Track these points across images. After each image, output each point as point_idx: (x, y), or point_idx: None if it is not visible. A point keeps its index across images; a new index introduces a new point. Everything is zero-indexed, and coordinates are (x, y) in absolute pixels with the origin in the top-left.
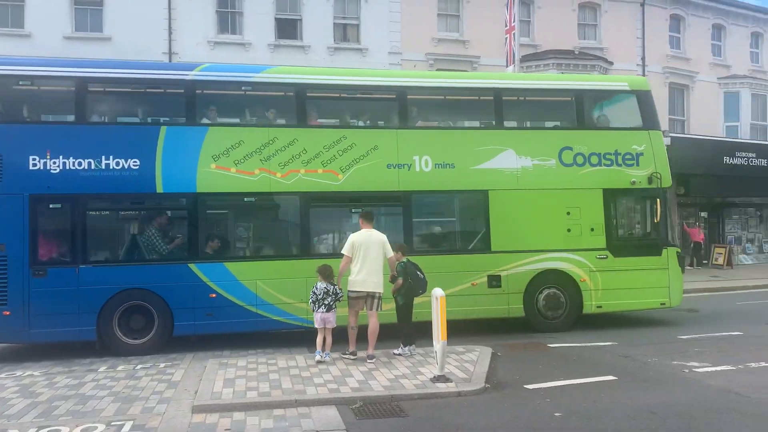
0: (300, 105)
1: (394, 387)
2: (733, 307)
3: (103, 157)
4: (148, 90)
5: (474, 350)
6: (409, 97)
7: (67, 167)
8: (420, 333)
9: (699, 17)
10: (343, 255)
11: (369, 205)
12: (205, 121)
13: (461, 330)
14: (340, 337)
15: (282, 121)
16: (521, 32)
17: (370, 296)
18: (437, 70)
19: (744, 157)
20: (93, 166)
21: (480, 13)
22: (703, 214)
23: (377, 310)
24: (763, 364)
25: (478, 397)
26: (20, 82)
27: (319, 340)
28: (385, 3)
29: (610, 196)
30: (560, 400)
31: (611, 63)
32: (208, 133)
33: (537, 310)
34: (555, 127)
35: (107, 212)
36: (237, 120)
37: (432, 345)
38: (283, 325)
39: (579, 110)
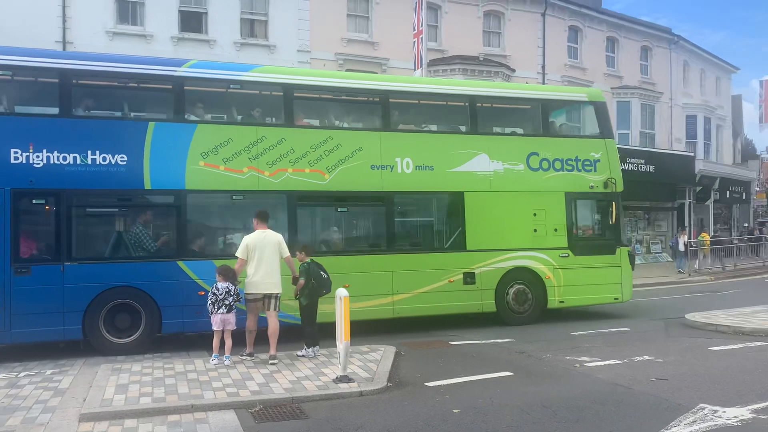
0: (288, 105)
1: (295, 389)
2: (622, 305)
3: (89, 152)
4: (135, 85)
5: (378, 349)
6: (391, 100)
7: (51, 162)
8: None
9: (595, 29)
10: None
11: (354, 205)
12: (193, 118)
13: (367, 330)
14: (239, 338)
15: (270, 120)
16: (429, 37)
17: (267, 297)
18: (346, 70)
19: (634, 163)
20: (78, 161)
21: (389, 15)
22: None
23: (276, 310)
24: (646, 357)
25: (379, 396)
26: (0, 72)
27: (215, 342)
28: (294, 0)
29: (571, 199)
30: (459, 397)
31: (514, 70)
32: (196, 130)
33: (507, 305)
34: (523, 134)
35: (93, 208)
36: (225, 118)
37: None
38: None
39: (544, 118)
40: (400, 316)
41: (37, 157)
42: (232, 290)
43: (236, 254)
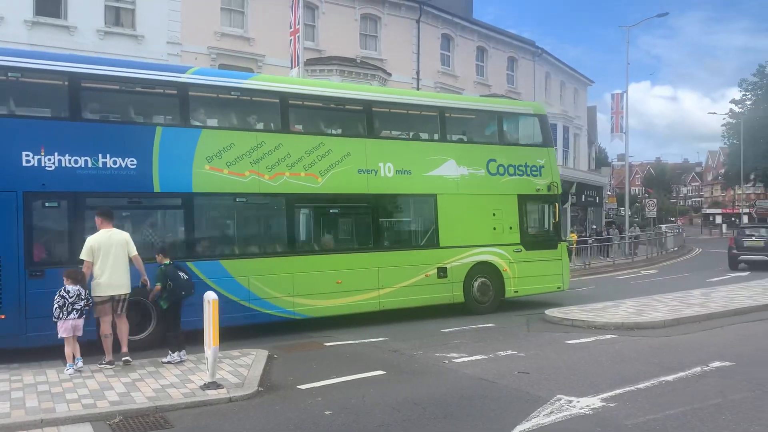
0: (284, 112)
1: (159, 397)
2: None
3: (100, 155)
4: (142, 89)
5: (250, 354)
6: (374, 109)
7: (63, 165)
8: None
9: (466, 39)
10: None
11: (344, 207)
12: (197, 123)
13: (239, 334)
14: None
15: (269, 126)
16: (306, 36)
17: (115, 300)
18: (220, 65)
19: None
20: (90, 164)
21: (265, 11)
22: None
23: (124, 312)
24: (509, 352)
25: (250, 402)
26: (9, 74)
27: (68, 351)
28: None
29: (522, 200)
30: (331, 398)
31: (390, 74)
32: (201, 135)
33: (472, 296)
34: (483, 142)
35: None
36: (228, 123)
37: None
38: (272, 317)
39: (500, 128)
40: (384, 308)
41: (49, 160)
42: (83, 294)
43: (81, 257)
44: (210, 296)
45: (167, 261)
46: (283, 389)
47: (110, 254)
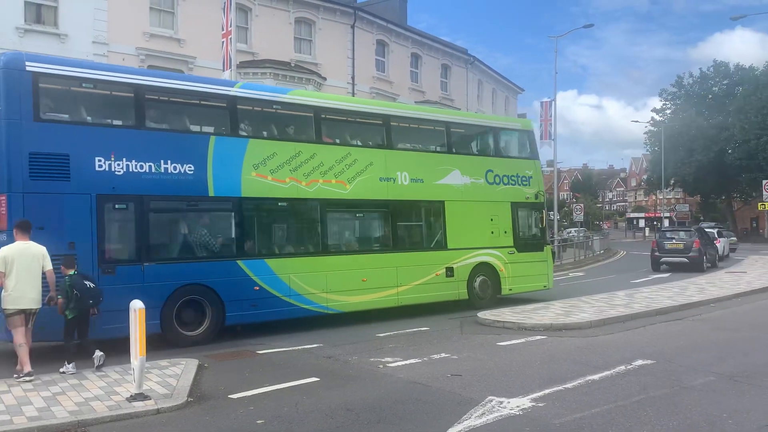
0: (317, 124)
1: (82, 411)
2: (421, 305)
3: (162, 161)
4: (197, 101)
5: (179, 363)
6: (392, 123)
7: (130, 169)
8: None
9: (400, 45)
10: None
11: (368, 211)
12: (244, 133)
13: (166, 343)
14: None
15: (304, 137)
16: (239, 38)
17: (26, 313)
18: (149, 66)
19: None
20: (153, 170)
21: (196, 12)
22: None
23: (32, 326)
24: (443, 355)
25: (179, 413)
26: (83, 85)
27: None
28: None
29: (515, 207)
30: (264, 407)
31: (325, 79)
32: (248, 144)
33: (474, 292)
34: (482, 155)
35: (167, 213)
36: (271, 134)
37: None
38: (309, 312)
39: (496, 142)
40: (402, 304)
41: (118, 165)
42: None
43: None
44: (135, 305)
45: (72, 272)
46: (214, 399)
47: (23, 267)
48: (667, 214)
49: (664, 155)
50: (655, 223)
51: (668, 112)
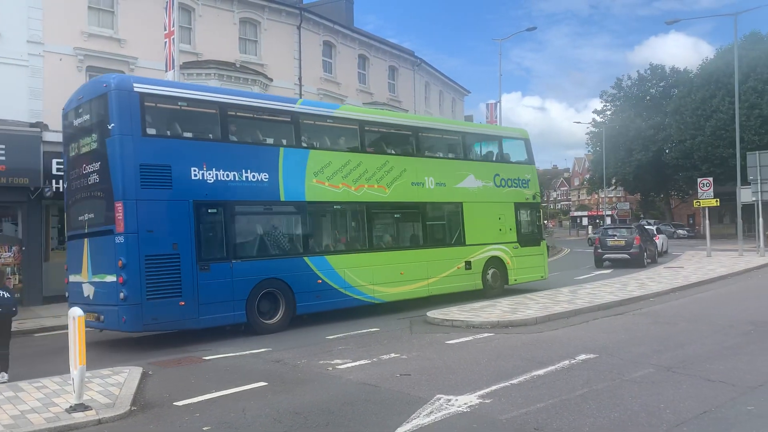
0: (362, 136)
1: (18, 425)
2: (374, 306)
3: (243, 170)
4: (267, 117)
5: (122, 371)
6: (420, 134)
7: (219, 178)
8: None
9: (347, 46)
10: None
11: (403, 212)
12: (305, 145)
13: (110, 352)
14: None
15: (352, 148)
16: (182, 39)
17: None
18: (88, 66)
19: None
20: (237, 178)
21: (137, 12)
22: None
23: None
24: (392, 355)
25: (121, 423)
26: (179, 103)
27: None
28: None
29: (517, 207)
30: (210, 413)
31: (271, 80)
32: (310, 154)
33: (488, 283)
34: (491, 160)
35: (248, 216)
36: (325, 145)
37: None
38: (358, 302)
39: (501, 149)
40: (432, 294)
41: (209, 174)
42: None
43: None
44: (75, 312)
45: None
46: (159, 407)
47: None
48: (609, 212)
49: (605, 155)
50: (597, 221)
51: (609, 113)
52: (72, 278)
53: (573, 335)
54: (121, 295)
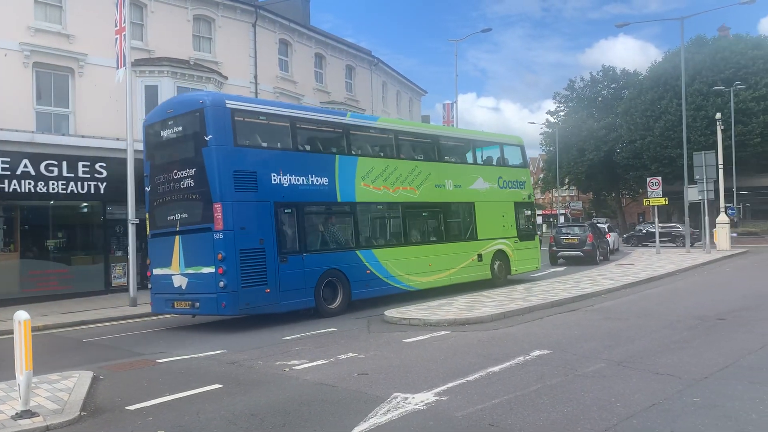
0: (396, 144)
1: None
2: (357, 303)
3: (309, 175)
4: (325, 129)
5: (72, 376)
6: (440, 141)
7: (291, 182)
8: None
9: (304, 45)
10: None
11: (430, 211)
12: (354, 152)
13: (67, 353)
14: None
15: (390, 154)
16: (134, 35)
17: None
18: (34, 63)
19: None
20: (305, 182)
21: (87, 7)
22: None
23: None
24: (350, 354)
25: (70, 429)
26: (260, 117)
27: None
28: None
29: (516, 206)
30: (163, 417)
31: (226, 78)
32: (358, 161)
33: (495, 273)
34: (495, 164)
35: (314, 215)
36: (369, 152)
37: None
38: (398, 290)
39: (502, 154)
40: (453, 283)
41: (284, 179)
42: None
43: None
44: (20, 316)
45: None
46: (110, 412)
47: None
48: (563, 211)
49: (559, 155)
50: (551, 219)
51: (562, 114)
52: (157, 271)
53: (528, 332)
54: (221, 283)
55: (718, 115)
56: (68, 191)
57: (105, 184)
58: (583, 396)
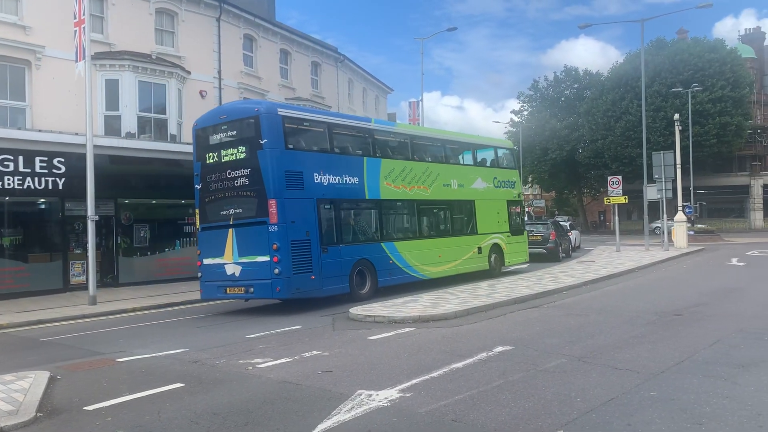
0: (412, 147)
1: None
2: (322, 300)
3: (343, 175)
4: (355, 134)
5: (27, 376)
6: (447, 145)
7: (329, 181)
8: None
9: (269, 41)
10: None
11: (439, 207)
12: (378, 155)
13: (23, 353)
14: None
15: (407, 156)
16: (94, 28)
17: None
18: None
19: None
20: (339, 181)
21: None
22: None
23: None
24: (314, 352)
25: (26, 430)
26: (304, 123)
27: None
28: None
29: (508, 203)
30: (123, 417)
31: (189, 72)
32: (382, 162)
33: (492, 265)
34: (490, 166)
35: (347, 210)
36: (390, 155)
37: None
38: (414, 278)
39: (497, 157)
40: (458, 273)
41: (324, 178)
42: None
43: None
44: None
45: None
46: (67, 412)
47: None
48: (526, 209)
49: (522, 154)
50: None
51: (525, 113)
52: (208, 261)
53: (491, 328)
54: (276, 270)
55: (677, 116)
56: (24, 187)
57: (63, 179)
58: (544, 391)
